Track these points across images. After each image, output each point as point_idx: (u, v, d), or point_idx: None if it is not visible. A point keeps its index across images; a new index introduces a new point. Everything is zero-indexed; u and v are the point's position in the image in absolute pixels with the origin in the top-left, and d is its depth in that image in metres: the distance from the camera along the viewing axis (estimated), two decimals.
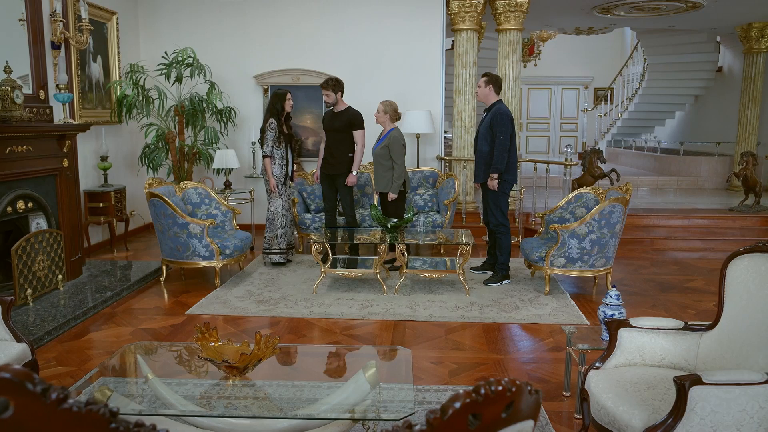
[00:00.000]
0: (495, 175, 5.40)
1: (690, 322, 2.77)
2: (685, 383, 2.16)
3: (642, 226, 7.96)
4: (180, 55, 7.15)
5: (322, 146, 6.29)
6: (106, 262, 6.29)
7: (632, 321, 2.78)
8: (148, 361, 3.09)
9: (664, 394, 2.41)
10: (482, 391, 0.98)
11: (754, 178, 8.21)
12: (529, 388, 1.08)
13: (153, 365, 3.08)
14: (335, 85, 5.99)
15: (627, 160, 14.35)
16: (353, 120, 6.07)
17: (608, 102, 15.26)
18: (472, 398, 0.97)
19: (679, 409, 2.18)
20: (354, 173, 6.14)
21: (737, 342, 2.54)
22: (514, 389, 1.03)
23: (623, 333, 2.75)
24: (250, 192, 7.37)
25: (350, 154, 6.11)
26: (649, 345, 2.75)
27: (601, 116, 15.44)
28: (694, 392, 2.16)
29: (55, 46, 5.62)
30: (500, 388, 1.00)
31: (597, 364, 2.76)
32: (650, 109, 14.09)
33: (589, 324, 4.57)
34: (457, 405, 0.96)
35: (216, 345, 2.76)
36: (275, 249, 6.21)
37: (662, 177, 11.87)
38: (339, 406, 2.67)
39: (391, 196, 5.94)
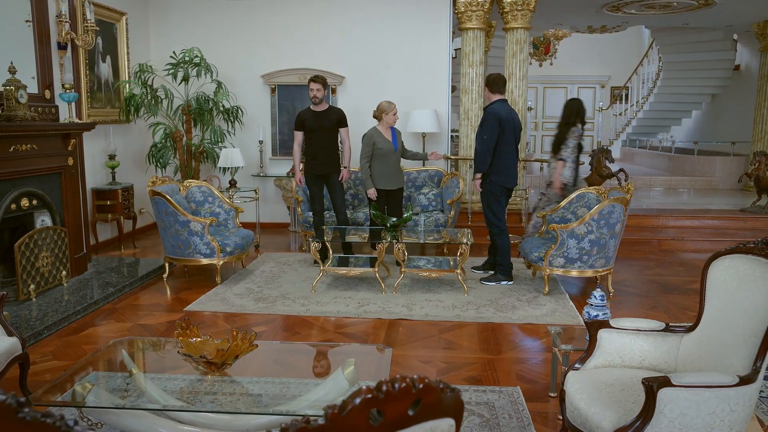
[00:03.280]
0: (478, 176, 5.41)
1: (671, 324, 2.74)
2: (653, 385, 2.14)
3: (651, 227, 7.87)
4: (187, 54, 7.23)
5: (297, 148, 6.22)
6: (112, 259, 6.40)
7: (612, 322, 2.76)
8: (135, 356, 3.15)
9: (638, 396, 2.38)
10: (384, 387, 0.99)
11: (766, 179, 8.07)
12: (441, 386, 1.09)
13: (139, 360, 3.14)
14: (324, 82, 6.05)
15: (642, 160, 14.18)
16: (342, 118, 6.15)
17: (624, 101, 15.09)
18: (374, 394, 0.98)
19: (647, 411, 2.16)
20: (347, 168, 6.24)
21: (716, 344, 2.51)
22: (421, 386, 1.03)
23: (603, 334, 2.73)
24: (255, 191, 7.43)
25: (338, 152, 6.20)
26: (629, 346, 2.72)
27: (616, 116, 15.28)
28: (663, 394, 2.14)
29: (62, 47, 5.73)
30: (404, 385, 1.01)
31: (576, 365, 2.74)
32: (666, 109, 13.91)
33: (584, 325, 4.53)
34: (357, 401, 0.97)
35: (197, 341, 2.80)
36: None
37: (676, 177, 11.71)
38: (316, 403, 2.70)
39: None
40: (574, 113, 5.95)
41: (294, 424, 0.95)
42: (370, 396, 0.98)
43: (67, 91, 5.50)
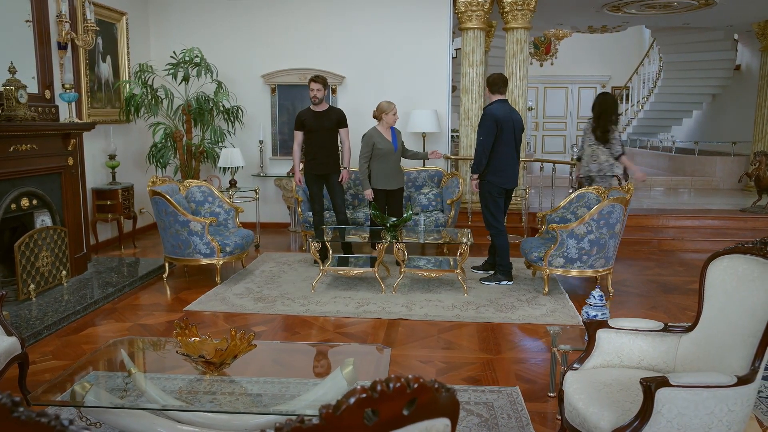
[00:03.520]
0: (474, 176, 5.43)
1: (670, 324, 2.74)
2: (651, 385, 2.14)
3: (651, 227, 7.86)
4: (187, 54, 7.24)
5: (297, 148, 6.23)
6: (112, 259, 6.40)
7: (611, 322, 2.75)
8: (134, 356, 3.15)
9: (636, 396, 2.38)
10: (378, 387, 0.99)
11: (767, 179, 8.06)
12: (436, 385, 1.09)
13: (138, 360, 3.14)
14: (325, 82, 6.05)
15: (642, 160, 14.17)
16: (342, 118, 6.16)
17: (625, 101, 15.08)
18: (368, 394, 0.98)
19: (645, 411, 2.16)
20: (347, 169, 6.25)
21: (714, 344, 2.51)
22: (415, 386, 1.03)
23: (601, 334, 2.73)
24: (255, 190, 7.43)
25: (338, 152, 6.21)
26: (627, 346, 2.72)
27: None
28: (661, 394, 2.14)
29: (62, 47, 5.73)
30: (398, 384, 1.01)
31: (575, 365, 2.74)
32: (666, 108, 13.89)
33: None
34: (351, 400, 0.97)
35: (195, 341, 2.80)
36: None
37: (676, 177, 11.71)
38: (315, 403, 2.70)
39: None
40: (611, 106, 6.04)
41: (288, 423, 0.95)
42: (364, 396, 0.98)
43: (67, 91, 5.50)
